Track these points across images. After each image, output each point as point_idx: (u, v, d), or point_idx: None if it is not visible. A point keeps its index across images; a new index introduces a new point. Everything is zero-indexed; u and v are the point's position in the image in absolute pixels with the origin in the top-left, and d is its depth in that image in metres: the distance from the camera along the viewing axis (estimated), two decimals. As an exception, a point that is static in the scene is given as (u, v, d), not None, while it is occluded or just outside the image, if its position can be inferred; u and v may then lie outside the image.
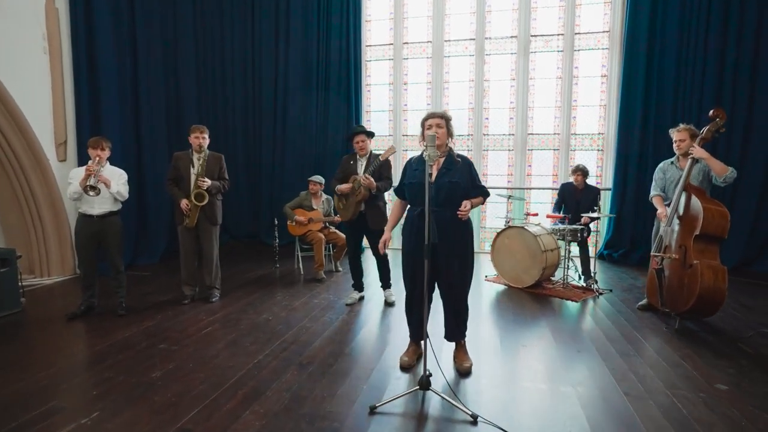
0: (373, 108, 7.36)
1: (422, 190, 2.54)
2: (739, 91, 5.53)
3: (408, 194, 2.76)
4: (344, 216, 4.17)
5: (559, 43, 6.62)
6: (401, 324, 3.55)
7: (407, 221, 2.77)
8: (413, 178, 2.66)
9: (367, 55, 7.23)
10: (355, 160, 4.19)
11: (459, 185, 2.62)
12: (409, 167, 2.75)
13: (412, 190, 2.68)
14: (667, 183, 3.81)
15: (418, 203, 2.63)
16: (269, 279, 5.16)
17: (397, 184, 2.89)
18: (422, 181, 2.55)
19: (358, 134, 4.15)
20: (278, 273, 5.46)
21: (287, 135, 7.08)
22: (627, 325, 3.60)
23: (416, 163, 2.71)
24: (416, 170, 2.67)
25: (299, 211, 5.32)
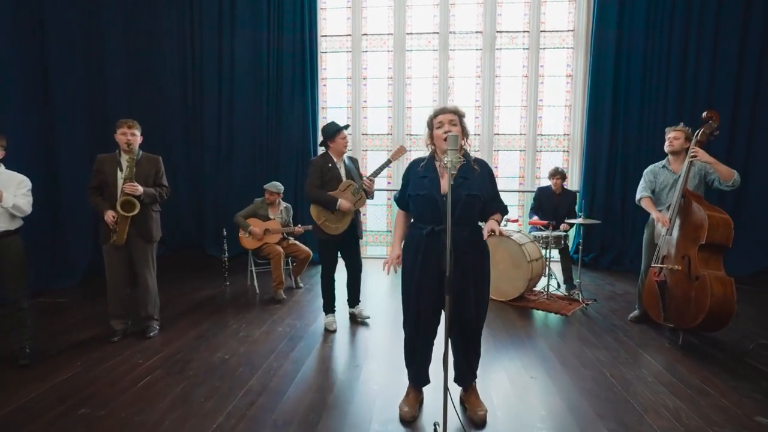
0: (329, 104, 6.75)
1: (434, 205, 2.05)
2: (701, 90, 5.57)
3: (413, 208, 2.23)
4: (337, 228, 3.58)
5: (524, 40, 6.40)
6: (385, 354, 3.03)
7: (410, 241, 2.23)
8: (421, 188, 2.14)
9: (322, 46, 6.60)
10: (333, 163, 3.61)
11: (478, 199, 2.14)
12: (414, 174, 2.22)
13: (420, 203, 2.16)
14: (659, 187, 3.60)
15: (428, 220, 2.13)
16: (219, 301, 4.42)
17: (398, 192, 2.36)
18: (433, 194, 2.06)
19: (341, 131, 3.61)
20: (229, 292, 4.72)
21: (234, 134, 6.29)
22: (629, 343, 3.33)
23: (424, 170, 2.18)
24: (424, 178, 2.15)
25: (253, 221, 4.63)
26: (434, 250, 2.09)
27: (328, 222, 3.58)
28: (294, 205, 6.13)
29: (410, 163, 2.29)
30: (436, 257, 2.09)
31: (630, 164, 5.81)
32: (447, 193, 1.82)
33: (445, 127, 2.10)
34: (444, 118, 2.13)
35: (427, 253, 2.12)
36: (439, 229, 2.07)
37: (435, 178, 2.13)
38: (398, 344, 2.48)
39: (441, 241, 2.04)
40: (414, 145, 6.64)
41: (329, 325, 3.67)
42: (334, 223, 3.58)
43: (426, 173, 2.16)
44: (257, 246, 4.61)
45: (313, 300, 4.46)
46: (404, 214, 2.37)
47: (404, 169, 2.31)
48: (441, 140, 2.09)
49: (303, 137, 6.21)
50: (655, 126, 5.70)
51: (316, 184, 3.56)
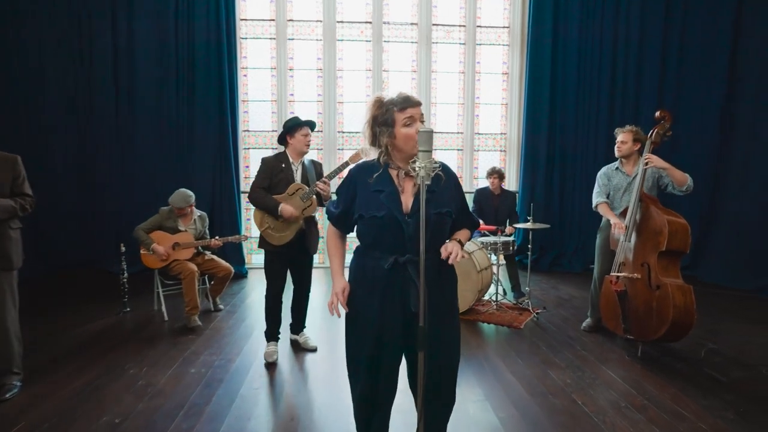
0: (251, 97, 6.01)
1: (396, 230, 1.55)
2: (630, 87, 5.66)
3: (365, 233, 1.65)
4: (281, 238, 3.05)
5: (461, 35, 6.14)
6: (334, 401, 2.49)
7: (361, 276, 1.66)
8: (377, 207, 1.56)
9: (242, 31, 5.84)
10: (287, 164, 3.10)
11: (449, 217, 1.64)
12: (363, 186, 1.62)
13: (377, 228, 1.58)
14: (613, 190, 3.44)
15: (386, 249, 1.59)
16: (116, 333, 3.58)
17: (337, 208, 1.73)
18: (395, 215, 1.55)
19: (303, 127, 3.08)
20: (129, 321, 3.88)
21: (136, 133, 5.31)
22: (589, 358, 3.11)
23: (378, 182, 1.60)
24: (379, 193, 1.58)
25: (160, 235, 3.83)
26: (398, 289, 1.59)
27: (270, 230, 3.06)
28: (212, 213, 5.34)
29: (352, 171, 1.68)
30: (401, 298, 1.59)
31: (567, 163, 5.79)
32: (420, 212, 1.34)
33: (416, 125, 1.56)
34: (416, 112, 1.58)
35: (389, 294, 1.60)
36: (404, 261, 1.57)
37: (394, 193, 1.58)
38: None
39: (406, 277, 1.56)
40: (347, 143, 6.13)
41: (269, 355, 3.10)
42: (278, 231, 3.05)
43: (380, 186, 1.59)
44: (165, 264, 3.82)
45: (237, 325, 3.78)
46: (340, 238, 1.79)
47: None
48: (409, 141, 1.56)
49: (221, 134, 5.42)
50: (589, 124, 5.72)
51: (261, 185, 3.05)
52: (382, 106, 1.60)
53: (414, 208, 1.57)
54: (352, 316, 1.68)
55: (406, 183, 1.62)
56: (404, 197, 1.60)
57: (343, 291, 1.65)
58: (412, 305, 1.56)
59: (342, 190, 1.71)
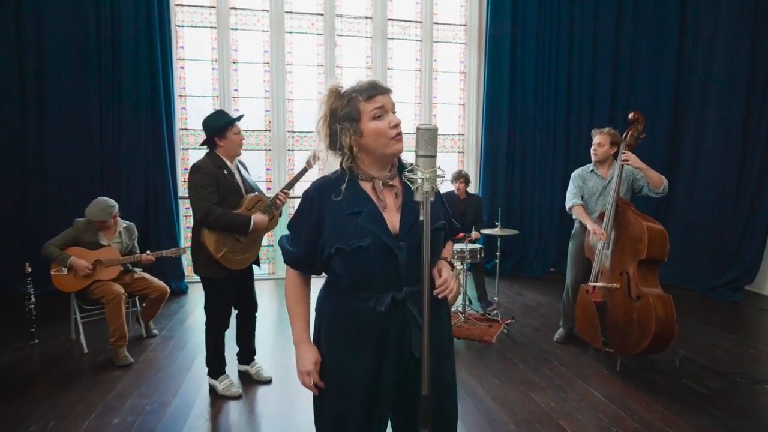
0: (189, 91, 5.39)
1: (388, 259, 1.19)
2: (585, 87, 5.65)
3: (345, 270, 1.23)
4: (244, 261, 2.58)
5: (417, 31, 5.87)
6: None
7: (343, 325, 1.27)
8: (358, 234, 1.18)
9: (178, 17, 5.23)
10: (228, 168, 2.59)
11: (443, 231, 1.34)
12: (330, 209, 1.23)
13: (362, 261, 1.20)
14: (588, 194, 3.28)
15: (378, 285, 1.21)
16: (18, 372, 2.94)
17: (296, 246, 1.30)
18: (384, 240, 1.19)
19: (235, 125, 2.61)
20: (38, 355, 3.24)
21: (47, 132, 4.51)
22: (569, 374, 2.92)
23: (350, 200, 1.22)
24: (355, 215, 1.20)
25: (77, 251, 3.21)
26: (395, 334, 1.23)
27: (231, 254, 2.51)
28: (145, 223, 4.70)
29: (309, 192, 1.28)
30: (397, 345, 1.23)
31: (527, 165, 5.68)
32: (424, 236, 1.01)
33: (389, 117, 1.22)
34: (386, 101, 1.23)
35: (385, 343, 1.23)
36: (402, 297, 1.21)
37: (375, 212, 1.22)
38: None
39: (406, 317, 1.22)
40: (297, 144, 5.67)
41: (228, 389, 2.65)
42: (241, 253, 2.56)
43: (355, 206, 1.21)
44: (83, 286, 3.21)
45: (174, 354, 3.26)
46: (304, 282, 1.35)
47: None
48: (380, 137, 1.19)
49: (154, 133, 4.77)
50: (547, 124, 5.65)
51: (215, 201, 2.45)
52: (342, 96, 1.24)
53: (405, 227, 1.22)
54: (330, 383, 1.27)
55: (386, 196, 1.26)
56: (388, 215, 1.24)
57: (315, 364, 1.26)
58: (415, 349, 1.21)
59: (299, 221, 1.29)
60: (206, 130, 2.58)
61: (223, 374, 2.73)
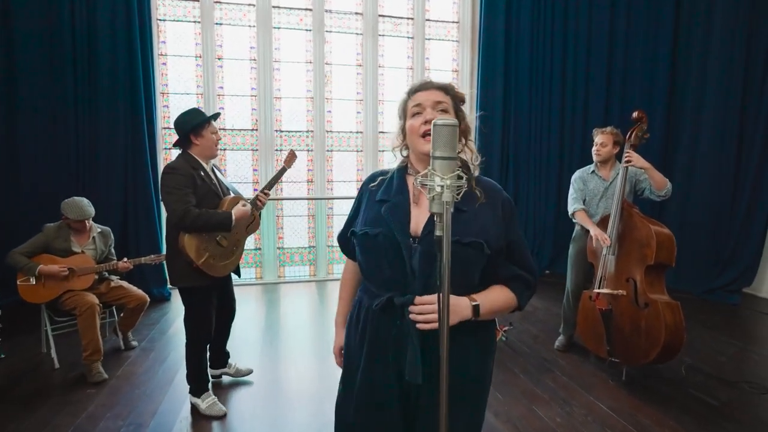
0: (172, 89, 5.16)
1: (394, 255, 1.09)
2: (579, 84, 5.55)
3: (360, 257, 1.21)
4: (226, 267, 2.42)
5: (409, 28, 5.72)
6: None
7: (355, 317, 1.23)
8: (373, 222, 1.13)
9: (160, 11, 4.99)
10: (203, 169, 2.42)
11: (480, 251, 1.10)
12: (369, 194, 1.23)
13: (370, 250, 1.15)
14: (589, 196, 3.15)
15: (383, 283, 1.12)
16: (-18, 393, 2.71)
17: (342, 228, 1.34)
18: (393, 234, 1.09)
19: (212, 122, 2.45)
20: (3, 371, 3.00)
21: (17, 132, 4.22)
22: (572, 385, 2.78)
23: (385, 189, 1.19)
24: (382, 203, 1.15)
25: (47, 259, 2.98)
26: (390, 344, 1.12)
27: (213, 260, 2.34)
28: (125, 229, 4.46)
29: (367, 178, 1.30)
30: (395, 356, 1.11)
31: (521, 165, 5.56)
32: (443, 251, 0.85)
33: (427, 113, 1.14)
34: (426, 97, 1.16)
35: (376, 347, 1.15)
36: (401, 302, 1.08)
37: (400, 204, 1.14)
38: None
39: (402, 328, 1.08)
40: (285, 144, 5.47)
41: (212, 408, 2.46)
42: (224, 259, 2.39)
43: (386, 195, 1.16)
44: (54, 296, 2.98)
45: (154, 369, 3.04)
46: (351, 266, 1.38)
47: None
48: (412, 135, 1.16)
49: (134, 133, 4.53)
50: (542, 124, 5.54)
51: (192, 203, 2.27)
52: (403, 100, 1.28)
53: (427, 230, 1.09)
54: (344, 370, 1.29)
55: (420, 193, 1.16)
56: (417, 213, 1.14)
57: (340, 351, 1.33)
58: (407, 373, 1.07)
59: (355, 201, 1.33)
60: (179, 128, 2.40)
61: (206, 392, 2.54)
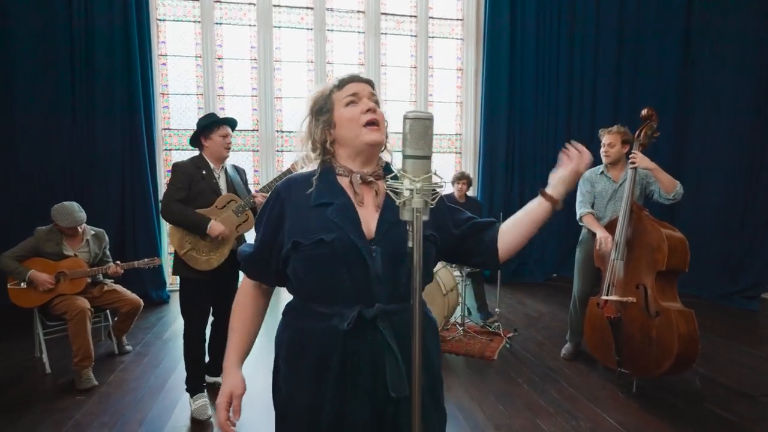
0: (172, 89, 5.11)
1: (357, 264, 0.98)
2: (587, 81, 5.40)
3: (303, 274, 1.03)
4: (210, 262, 2.40)
5: (412, 26, 5.61)
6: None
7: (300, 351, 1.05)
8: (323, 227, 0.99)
9: (160, 11, 4.94)
10: (208, 170, 2.49)
11: (432, 243, 1.07)
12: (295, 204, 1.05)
13: (324, 261, 0.99)
14: (597, 198, 3.01)
15: (341, 297, 1.00)
16: (-30, 400, 2.65)
17: (251, 245, 1.13)
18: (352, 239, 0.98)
19: (221, 126, 2.49)
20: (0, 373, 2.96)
21: (14, 133, 4.18)
22: (579, 397, 2.64)
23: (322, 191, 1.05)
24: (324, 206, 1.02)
25: (39, 262, 2.92)
26: (364, 365, 0.99)
27: (195, 252, 2.38)
28: (123, 231, 4.40)
29: (278, 187, 1.10)
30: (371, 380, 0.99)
31: (527, 165, 5.42)
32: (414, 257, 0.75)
33: (365, 102, 1.06)
34: (361, 87, 1.08)
35: (349, 375, 0.99)
36: (372, 315, 0.98)
37: (348, 206, 1.03)
38: None
39: (376, 342, 0.98)
40: (287, 144, 5.39)
41: (199, 412, 2.42)
42: (206, 253, 2.40)
43: (326, 197, 1.03)
44: (44, 301, 2.92)
45: (147, 374, 2.97)
46: (258, 294, 1.14)
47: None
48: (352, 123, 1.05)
49: (132, 135, 4.47)
50: (548, 122, 5.41)
51: (177, 197, 2.38)
52: (321, 94, 1.14)
53: (382, 229, 1.01)
54: (287, 421, 1.06)
55: (364, 192, 1.06)
56: (364, 213, 1.03)
57: (227, 395, 1.05)
58: (391, 388, 0.96)
59: (259, 218, 1.11)
60: (196, 128, 2.51)
61: (200, 392, 2.53)
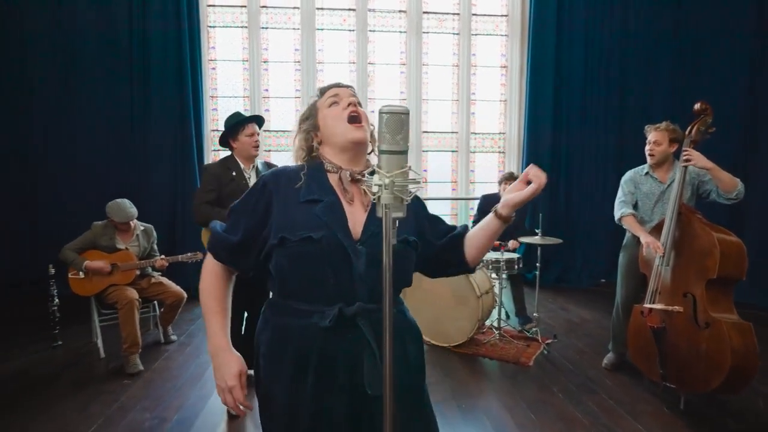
0: (221, 92, 5.35)
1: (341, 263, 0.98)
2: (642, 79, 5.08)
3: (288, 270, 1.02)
4: None
5: (454, 24, 5.53)
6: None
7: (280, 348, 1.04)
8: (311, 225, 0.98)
9: (210, 18, 5.20)
10: (238, 170, 2.57)
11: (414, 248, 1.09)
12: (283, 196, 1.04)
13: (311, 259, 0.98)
14: (642, 200, 2.82)
15: (323, 295, 0.99)
16: (30, 377, 2.90)
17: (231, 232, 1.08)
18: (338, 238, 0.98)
19: (247, 126, 2.54)
20: (58, 358, 3.22)
21: (79, 133, 4.59)
22: (619, 411, 2.48)
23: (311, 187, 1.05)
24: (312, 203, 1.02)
25: (94, 255, 3.16)
26: (342, 362, 0.99)
27: None
28: (173, 228, 4.67)
29: (265, 177, 1.10)
30: (348, 377, 0.99)
31: (574, 166, 5.19)
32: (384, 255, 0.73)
33: (347, 99, 1.09)
34: (342, 92, 1.12)
35: (327, 372, 0.99)
36: (353, 313, 0.98)
37: (336, 205, 1.03)
38: None
39: (355, 339, 0.98)
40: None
41: None
42: None
43: (314, 194, 1.03)
44: (99, 290, 3.15)
45: (188, 364, 3.13)
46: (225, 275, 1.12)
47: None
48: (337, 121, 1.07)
49: (183, 136, 4.74)
50: (597, 122, 5.14)
51: (206, 199, 2.50)
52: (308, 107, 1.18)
53: (369, 230, 1.01)
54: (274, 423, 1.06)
55: (354, 191, 1.07)
56: (352, 213, 1.04)
57: (239, 376, 1.04)
58: (368, 385, 0.96)
59: (242, 206, 1.09)
60: (224, 129, 2.60)
61: None
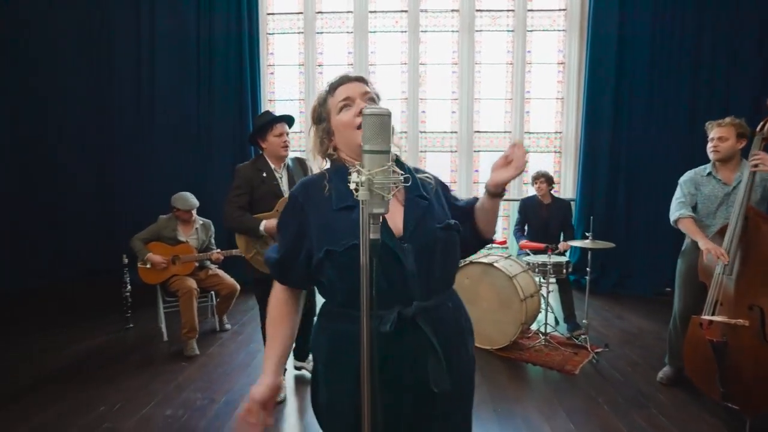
0: (278, 95, 5.62)
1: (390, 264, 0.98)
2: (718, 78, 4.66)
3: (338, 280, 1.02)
4: None
5: (509, 21, 5.40)
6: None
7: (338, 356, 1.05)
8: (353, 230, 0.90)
9: (269, 26, 5.48)
10: (269, 171, 2.58)
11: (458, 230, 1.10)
12: (316, 207, 1.05)
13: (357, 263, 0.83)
14: (702, 203, 2.61)
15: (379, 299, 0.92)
16: (103, 356, 3.23)
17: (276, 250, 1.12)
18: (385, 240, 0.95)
19: (277, 124, 2.54)
20: (129, 339, 3.57)
21: (154, 134, 5.08)
22: (670, 428, 2.32)
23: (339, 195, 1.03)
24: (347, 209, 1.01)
25: (158, 246, 3.46)
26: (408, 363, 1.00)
27: (260, 255, 2.49)
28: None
29: (295, 191, 1.10)
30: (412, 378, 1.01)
31: (635, 167, 4.87)
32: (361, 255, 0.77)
33: (358, 104, 1.06)
34: (352, 88, 1.09)
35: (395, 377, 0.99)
36: (413, 313, 0.99)
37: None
38: None
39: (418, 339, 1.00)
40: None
41: None
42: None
43: (349, 200, 1.00)
44: (163, 279, 3.45)
45: (238, 351, 3.33)
46: (290, 299, 1.13)
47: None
48: (348, 129, 1.06)
49: (242, 137, 5.05)
50: (663, 122, 4.79)
51: (238, 204, 2.51)
52: (319, 101, 1.16)
53: (410, 226, 1.02)
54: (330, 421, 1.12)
55: None
56: (393, 207, 1.03)
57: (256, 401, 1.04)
58: (432, 384, 0.98)
59: (281, 224, 1.12)
60: (253, 129, 2.63)
61: None
